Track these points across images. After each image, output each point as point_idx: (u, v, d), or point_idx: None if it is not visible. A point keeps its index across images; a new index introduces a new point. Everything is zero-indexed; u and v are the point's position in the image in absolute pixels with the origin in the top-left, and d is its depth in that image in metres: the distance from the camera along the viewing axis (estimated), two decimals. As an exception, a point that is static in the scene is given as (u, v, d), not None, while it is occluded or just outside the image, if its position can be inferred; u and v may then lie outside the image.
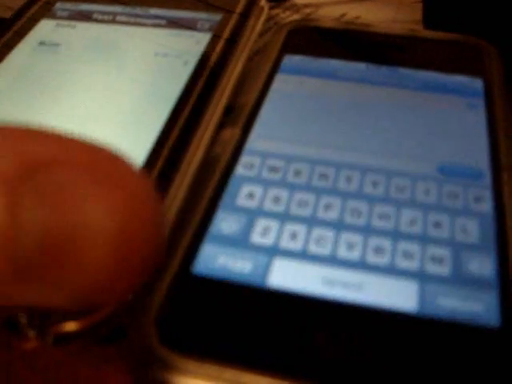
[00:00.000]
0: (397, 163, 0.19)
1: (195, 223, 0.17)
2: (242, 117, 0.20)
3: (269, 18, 0.28)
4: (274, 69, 0.22)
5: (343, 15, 0.28)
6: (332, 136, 0.20)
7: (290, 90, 0.22)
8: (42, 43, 0.24)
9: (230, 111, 0.21)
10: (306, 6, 0.29)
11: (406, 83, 0.22)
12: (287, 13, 0.29)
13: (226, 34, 0.23)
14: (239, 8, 0.25)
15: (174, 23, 0.24)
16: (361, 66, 0.23)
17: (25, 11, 0.25)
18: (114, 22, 0.25)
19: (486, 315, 0.15)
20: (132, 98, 0.21)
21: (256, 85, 0.22)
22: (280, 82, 0.22)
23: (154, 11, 0.25)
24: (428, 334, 0.14)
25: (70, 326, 0.15)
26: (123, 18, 0.25)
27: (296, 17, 0.28)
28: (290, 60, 0.23)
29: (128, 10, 0.25)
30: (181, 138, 0.20)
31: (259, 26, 0.24)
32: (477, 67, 0.22)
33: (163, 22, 0.24)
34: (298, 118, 0.20)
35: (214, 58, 0.22)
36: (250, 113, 0.21)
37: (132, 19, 0.25)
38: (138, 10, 0.25)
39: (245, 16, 0.24)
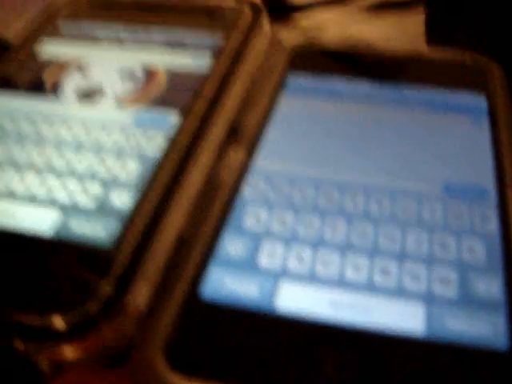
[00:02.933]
0: (402, 183, 0.19)
1: (202, 247, 0.17)
2: (247, 138, 0.20)
3: (272, 39, 0.28)
4: (279, 90, 0.23)
5: (347, 36, 0.28)
6: (337, 156, 0.20)
7: (294, 111, 0.22)
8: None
9: (234, 132, 0.21)
10: (309, 27, 0.29)
11: (410, 102, 0.22)
12: (291, 35, 0.29)
13: (229, 54, 0.23)
14: (242, 29, 0.25)
15: (176, 43, 0.24)
16: (365, 86, 0.23)
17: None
18: (119, 43, 0.25)
19: (494, 338, 0.15)
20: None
21: (261, 106, 0.22)
22: (284, 103, 0.22)
23: (156, 33, 0.25)
24: (436, 357, 0.14)
25: (68, 352, 0.15)
26: (128, 40, 0.25)
27: (300, 37, 0.28)
28: (295, 81, 0.23)
29: (131, 31, 0.25)
30: (183, 158, 0.20)
31: (262, 47, 0.25)
32: (480, 84, 0.22)
33: (165, 41, 0.24)
34: (303, 139, 0.21)
35: (216, 79, 0.22)
36: (255, 134, 0.21)
37: (135, 41, 0.25)
38: (141, 32, 0.25)
39: (247, 37, 0.24)
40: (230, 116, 0.22)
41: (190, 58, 0.24)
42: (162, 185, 0.19)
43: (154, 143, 0.20)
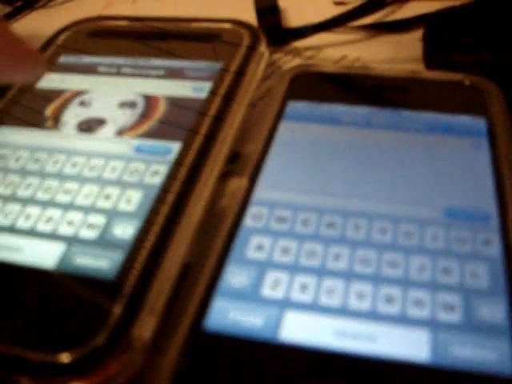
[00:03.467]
0: (403, 209, 0.19)
1: (205, 278, 0.17)
2: (248, 166, 0.20)
3: (270, 63, 0.28)
4: (279, 116, 0.23)
5: (344, 57, 0.28)
6: (338, 183, 0.20)
7: (294, 138, 0.22)
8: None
9: (234, 159, 0.21)
10: (306, 49, 0.29)
11: (409, 125, 0.22)
12: (288, 57, 0.29)
13: (228, 80, 0.24)
14: (240, 54, 0.25)
15: (175, 71, 0.25)
16: (364, 110, 0.23)
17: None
18: (118, 74, 0.25)
19: (499, 363, 0.14)
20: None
21: (261, 133, 0.22)
22: (285, 130, 0.22)
23: (154, 61, 0.25)
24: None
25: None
26: (127, 70, 0.25)
27: (297, 60, 0.29)
28: (294, 106, 0.23)
29: (130, 61, 0.25)
30: (185, 186, 0.20)
31: (260, 72, 0.25)
32: (479, 106, 0.22)
33: (164, 70, 0.25)
34: (304, 166, 0.21)
35: (216, 106, 0.23)
36: (257, 162, 0.21)
37: (134, 71, 0.25)
38: (140, 61, 0.25)
39: (245, 62, 0.24)
40: (230, 143, 0.22)
41: (189, 85, 0.24)
42: (164, 214, 0.19)
43: (156, 172, 0.20)
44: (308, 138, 0.22)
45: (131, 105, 0.23)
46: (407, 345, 0.15)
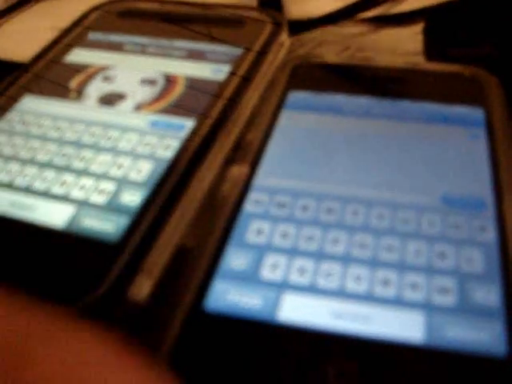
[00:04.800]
0: (401, 195, 0.19)
1: (206, 260, 0.17)
2: (249, 154, 0.21)
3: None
4: (280, 105, 0.23)
5: (346, 49, 0.29)
6: (337, 171, 0.20)
7: (295, 127, 0.22)
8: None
9: (237, 147, 0.22)
10: (308, 40, 0.30)
11: (409, 115, 0.22)
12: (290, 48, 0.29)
13: (245, 66, 0.24)
14: (260, 42, 0.25)
15: (196, 53, 0.25)
16: (364, 100, 0.23)
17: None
18: (142, 52, 0.26)
19: (492, 345, 0.15)
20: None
21: (263, 121, 0.22)
22: (286, 119, 0.22)
23: (177, 43, 0.26)
24: (435, 365, 0.15)
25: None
26: (151, 50, 0.26)
27: (299, 51, 0.29)
28: (295, 96, 0.23)
29: (154, 41, 0.26)
30: (191, 164, 0.20)
31: (279, 60, 0.25)
32: (478, 97, 0.22)
33: (186, 51, 0.26)
34: (304, 154, 0.21)
35: (231, 89, 0.23)
36: (258, 150, 0.21)
37: (158, 50, 0.26)
38: (164, 42, 0.26)
39: (265, 49, 0.25)
40: (241, 126, 0.22)
41: (208, 67, 0.25)
42: (170, 186, 0.20)
43: (167, 146, 0.21)
44: (308, 126, 0.22)
45: (151, 82, 0.24)
46: (402, 326, 0.15)
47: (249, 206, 0.19)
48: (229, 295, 0.16)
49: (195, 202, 0.20)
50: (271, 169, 0.20)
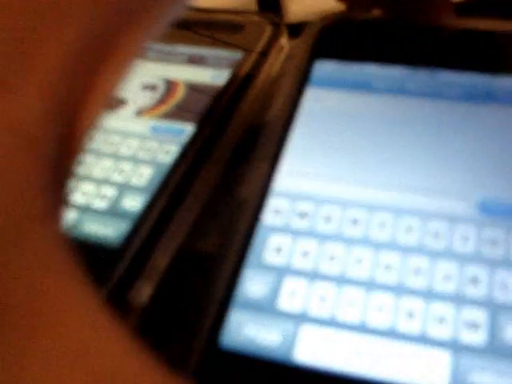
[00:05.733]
0: (433, 200, 0.16)
1: (222, 284, 0.16)
2: (268, 148, 0.18)
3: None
4: (304, 81, 0.19)
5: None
6: (364, 169, 0.17)
7: (320, 110, 0.19)
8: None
9: (252, 141, 0.19)
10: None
11: (450, 91, 0.18)
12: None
13: (245, 71, 0.24)
14: (260, 46, 0.26)
15: (196, 60, 0.26)
16: (399, 72, 0.19)
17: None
18: (143, 58, 0.26)
19: None
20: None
21: (283, 105, 0.19)
22: (310, 99, 0.19)
23: (178, 48, 0.26)
24: None
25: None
26: (152, 55, 0.26)
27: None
28: (322, 68, 0.19)
29: (155, 46, 0.27)
30: (190, 168, 0.21)
31: (279, 65, 0.25)
32: None
33: (187, 56, 0.26)
34: (328, 147, 0.18)
35: (231, 93, 0.23)
36: (277, 144, 0.18)
37: (159, 55, 0.26)
38: (165, 47, 0.26)
39: (264, 54, 0.25)
40: (241, 131, 0.22)
41: (209, 72, 0.25)
42: (171, 191, 0.20)
43: (168, 151, 0.21)
44: (335, 109, 0.19)
45: (152, 88, 0.24)
46: (426, 369, 0.14)
47: (268, 217, 0.17)
48: (245, 328, 0.15)
49: (198, 205, 0.20)
50: (293, 168, 0.18)
